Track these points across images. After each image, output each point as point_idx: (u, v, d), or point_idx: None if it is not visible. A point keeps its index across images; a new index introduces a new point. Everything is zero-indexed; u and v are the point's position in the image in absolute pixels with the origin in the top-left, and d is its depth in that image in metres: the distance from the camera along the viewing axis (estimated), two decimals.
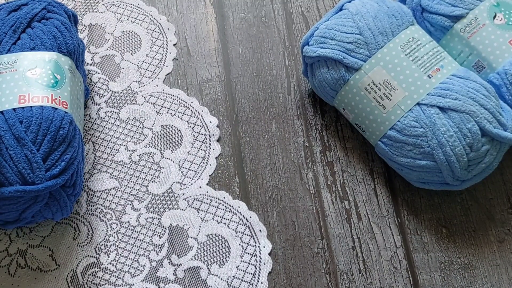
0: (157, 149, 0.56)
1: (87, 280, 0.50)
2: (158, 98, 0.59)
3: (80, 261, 0.51)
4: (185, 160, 0.56)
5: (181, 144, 0.56)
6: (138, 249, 0.52)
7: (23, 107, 0.48)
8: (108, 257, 0.51)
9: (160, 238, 0.52)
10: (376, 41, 0.52)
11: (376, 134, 0.52)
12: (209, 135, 0.57)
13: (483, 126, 0.49)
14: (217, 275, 0.50)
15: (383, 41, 0.52)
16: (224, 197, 0.54)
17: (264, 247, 0.52)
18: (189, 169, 0.55)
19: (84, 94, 0.56)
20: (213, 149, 0.56)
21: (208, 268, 0.51)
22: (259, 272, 0.51)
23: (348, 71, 0.52)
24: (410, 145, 0.50)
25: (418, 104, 0.50)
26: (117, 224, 0.53)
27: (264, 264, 0.51)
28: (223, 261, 0.51)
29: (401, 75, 0.51)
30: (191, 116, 0.58)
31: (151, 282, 0.50)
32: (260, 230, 0.53)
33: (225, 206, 0.54)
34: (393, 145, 0.51)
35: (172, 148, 0.56)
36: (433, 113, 0.49)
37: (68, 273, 0.50)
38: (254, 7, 0.64)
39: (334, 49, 0.52)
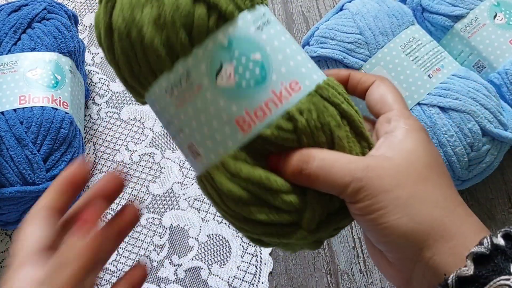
0: (158, 150, 0.56)
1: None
2: None
3: None
4: (185, 160, 0.56)
5: None
6: (139, 250, 0.52)
7: (23, 108, 0.48)
8: None
9: (160, 238, 0.52)
10: (377, 41, 0.52)
11: None
12: None
13: (484, 126, 0.49)
14: (217, 275, 0.50)
15: (383, 41, 0.52)
16: None
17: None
18: (189, 169, 0.55)
19: (85, 95, 0.56)
20: None
21: (208, 268, 0.51)
22: (260, 272, 0.51)
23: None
24: None
25: (419, 104, 0.50)
26: None
27: (265, 264, 0.51)
28: (223, 261, 0.51)
29: (401, 75, 0.51)
30: None
31: (152, 283, 0.50)
32: None
33: None
34: None
35: (172, 148, 0.56)
36: (433, 113, 0.49)
37: None
38: None
39: (334, 49, 0.52)
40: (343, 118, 0.31)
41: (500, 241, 0.28)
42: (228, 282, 0.50)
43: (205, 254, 0.51)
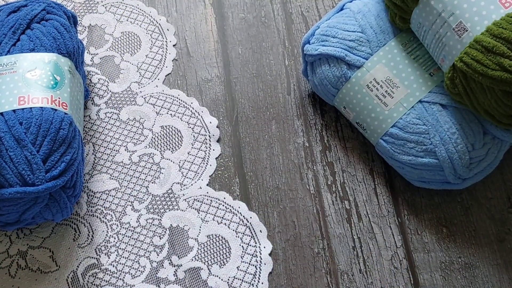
0: (157, 150, 0.56)
1: (88, 281, 0.50)
2: (158, 98, 0.59)
3: (80, 262, 0.51)
4: (185, 160, 0.56)
5: (181, 145, 0.56)
6: (139, 250, 0.52)
7: (22, 109, 0.48)
8: (109, 258, 0.51)
9: (160, 239, 0.52)
10: (378, 39, 0.52)
11: (378, 132, 0.52)
12: (209, 136, 0.57)
13: (485, 124, 0.49)
14: (217, 276, 0.50)
15: (384, 39, 0.52)
16: (224, 198, 0.54)
17: (264, 247, 0.52)
18: (189, 170, 0.55)
19: (84, 95, 0.56)
20: (213, 150, 0.56)
21: (208, 269, 0.51)
22: (260, 272, 0.51)
23: (350, 68, 0.52)
24: (413, 143, 0.50)
25: (420, 101, 0.50)
26: (117, 225, 0.53)
27: (265, 264, 0.51)
28: (223, 262, 0.51)
29: (403, 73, 0.51)
30: (191, 116, 0.58)
31: (152, 283, 0.50)
32: (260, 231, 0.52)
33: (225, 207, 0.54)
34: (395, 142, 0.51)
35: (172, 148, 0.56)
36: (435, 110, 0.49)
37: (69, 274, 0.50)
38: (254, 8, 0.64)
39: (336, 46, 0.52)
40: None
41: None
42: (228, 282, 0.50)
43: (204, 255, 0.51)
